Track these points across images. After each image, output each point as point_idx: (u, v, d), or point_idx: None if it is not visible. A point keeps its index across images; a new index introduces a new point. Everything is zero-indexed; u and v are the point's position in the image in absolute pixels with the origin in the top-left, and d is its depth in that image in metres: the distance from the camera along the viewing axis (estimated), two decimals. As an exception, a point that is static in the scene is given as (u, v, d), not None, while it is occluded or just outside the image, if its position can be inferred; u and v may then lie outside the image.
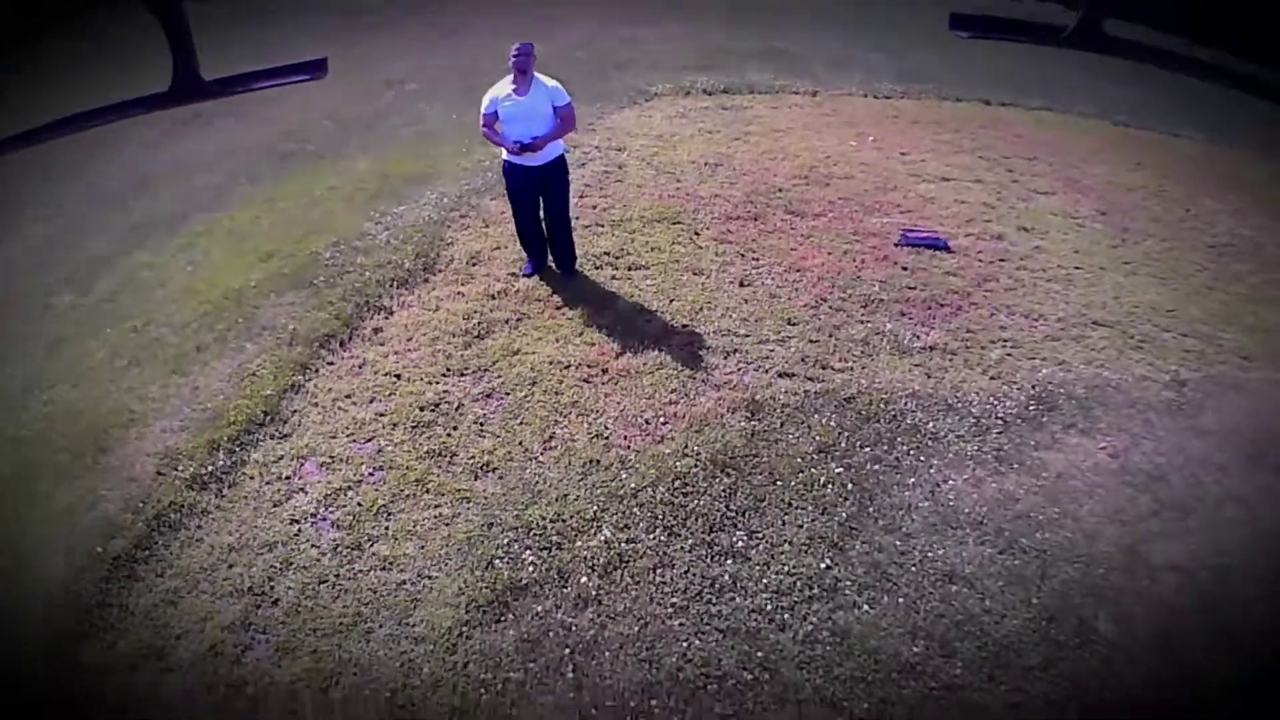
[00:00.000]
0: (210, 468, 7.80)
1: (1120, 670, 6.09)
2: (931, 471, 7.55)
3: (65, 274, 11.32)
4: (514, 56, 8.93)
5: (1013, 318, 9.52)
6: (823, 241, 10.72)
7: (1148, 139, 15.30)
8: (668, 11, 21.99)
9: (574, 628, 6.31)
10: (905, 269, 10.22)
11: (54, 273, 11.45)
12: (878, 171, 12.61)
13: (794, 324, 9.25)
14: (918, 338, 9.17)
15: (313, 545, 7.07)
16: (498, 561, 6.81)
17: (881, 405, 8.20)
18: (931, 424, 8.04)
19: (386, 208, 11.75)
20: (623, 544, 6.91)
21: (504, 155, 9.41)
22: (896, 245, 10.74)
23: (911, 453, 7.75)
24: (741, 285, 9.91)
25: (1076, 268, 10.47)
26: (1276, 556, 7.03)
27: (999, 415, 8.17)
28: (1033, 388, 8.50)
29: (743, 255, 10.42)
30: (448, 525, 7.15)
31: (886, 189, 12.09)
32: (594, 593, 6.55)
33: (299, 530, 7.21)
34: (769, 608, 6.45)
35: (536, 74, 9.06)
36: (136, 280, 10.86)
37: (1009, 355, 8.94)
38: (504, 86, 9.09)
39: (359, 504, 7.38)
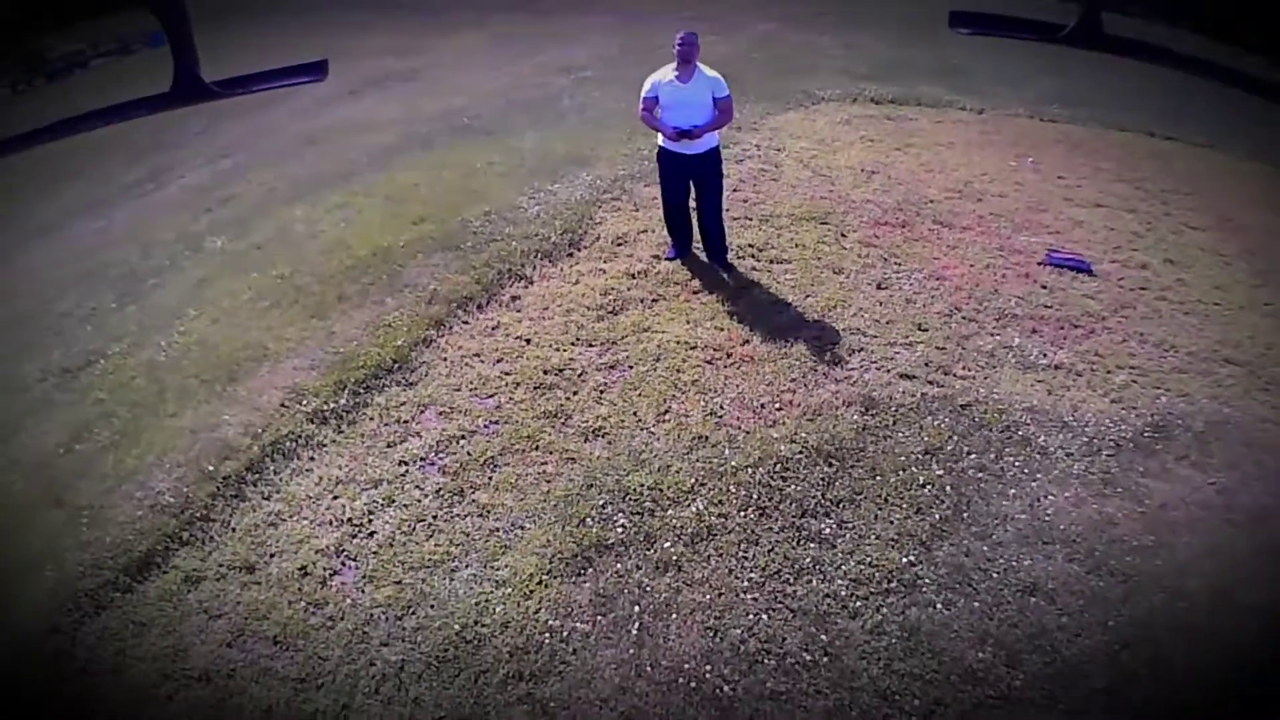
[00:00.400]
0: (333, 405, 8.23)
1: (1188, 708, 5.95)
2: (1034, 485, 7.43)
3: (219, 220, 12.10)
4: (679, 45, 9.12)
5: (1144, 346, 9.34)
6: (967, 254, 10.66)
7: None
8: (846, 21, 22.19)
9: (649, 589, 6.45)
10: (1045, 287, 10.11)
11: (209, 217, 12.25)
12: (1032, 192, 12.50)
13: (924, 329, 9.22)
14: (1045, 355, 9.06)
15: (417, 486, 7.39)
16: (590, 520, 6.99)
17: (996, 415, 8.10)
18: (1043, 438, 7.90)
19: (541, 185, 12.12)
20: (714, 518, 7.01)
21: (659, 142, 9.63)
22: (1040, 264, 10.64)
23: (1018, 464, 7.63)
24: (879, 288, 9.90)
25: (1215, 304, 10.22)
26: None
27: (1112, 438, 7.99)
28: (1152, 416, 8.29)
29: (885, 259, 10.40)
30: (549, 482, 7.38)
31: (1038, 209, 11.96)
32: (676, 559, 6.67)
33: (406, 471, 7.54)
34: (843, 594, 6.47)
35: (699, 64, 9.24)
36: (290, 231, 11.54)
37: (1134, 382, 8.75)
38: (666, 73, 9.27)
39: (469, 453, 7.68)
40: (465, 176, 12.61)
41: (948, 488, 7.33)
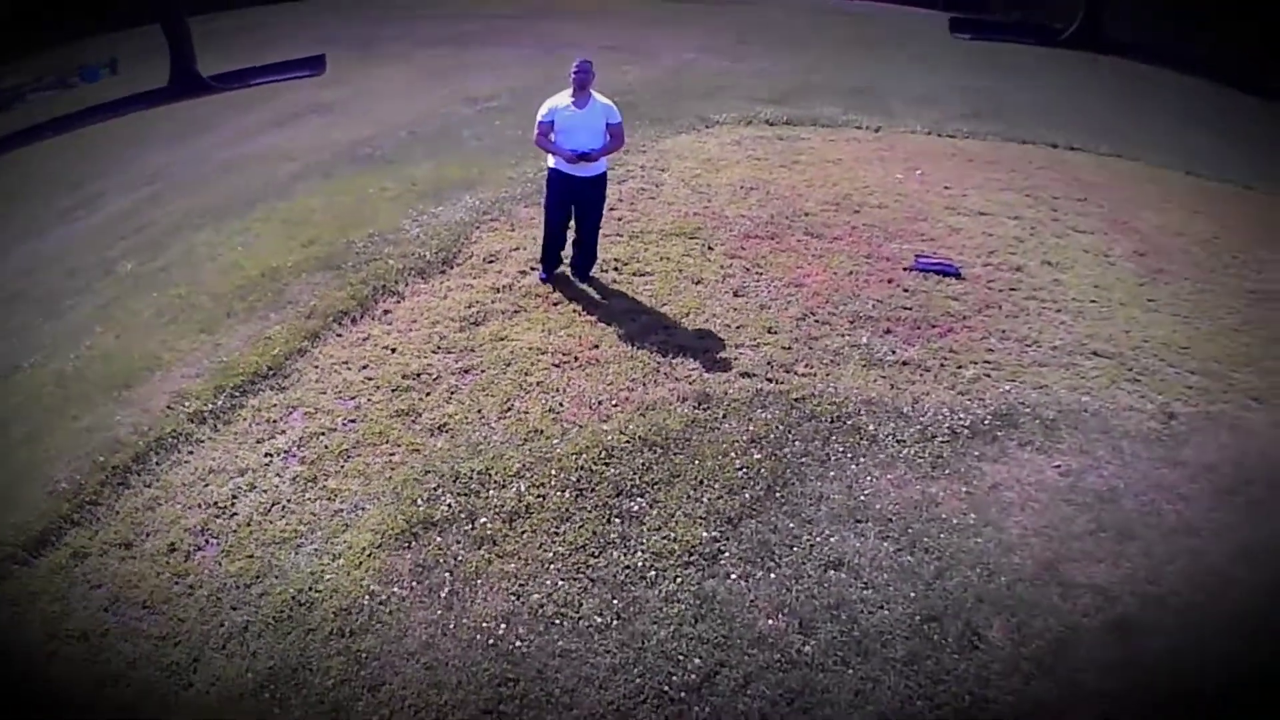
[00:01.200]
0: (211, 406, 9.03)
1: (995, 679, 6.26)
2: (855, 468, 7.88)
3: (133, 245, 12.98)
4: (575, 72, 9.61)
5: (1004, 342, 9.68)
6: (831, 262, 11.06)
7: (1216, 190, 15.19)
8: (769, 48, 22.65)
9: (464, 560, 7.26)
10: (907, 291, 10.50)
11: (124, 243, 13.14)
12: (913, 203, 12.87)
13: (774, 332, 9.69)
14: (894, 352, 9.44)
15: (277, 475, 8.21)
16: (420, 501, 7.78)
17: (830, 407, 8.56)
18: (873, 427, 8.33)
19: (426, 207, 12.85)
20: (532, 498, 7.79)
21: (549, 164, 10.23)
22: (907, 270, 10.94)
23: (843, 450, 8.10)
24: (735, 295, 10.38)
25: (1092, 301, 10.54)
26: (1212, 591, 6.98)
27: (950, 426, 8.40)
28: (999, 406, 8.66)
29: (747, 269, 10.87)
30: (393, 470, 8.18)
31: (916, 219, 12.31)
32: (492, 534, 7.47)
33: (270, 462, 8.37)
34: (643, 565, 7.18)
35: (593, 92, 9.89)
36: (193, 254, 12.37)
37: (987, 375, 9.11)
38: (563, 99, 9.71)
39: (326, 446, 8.49)
40: (358, 202, 13.37)
41: (764, 471, 7.87)
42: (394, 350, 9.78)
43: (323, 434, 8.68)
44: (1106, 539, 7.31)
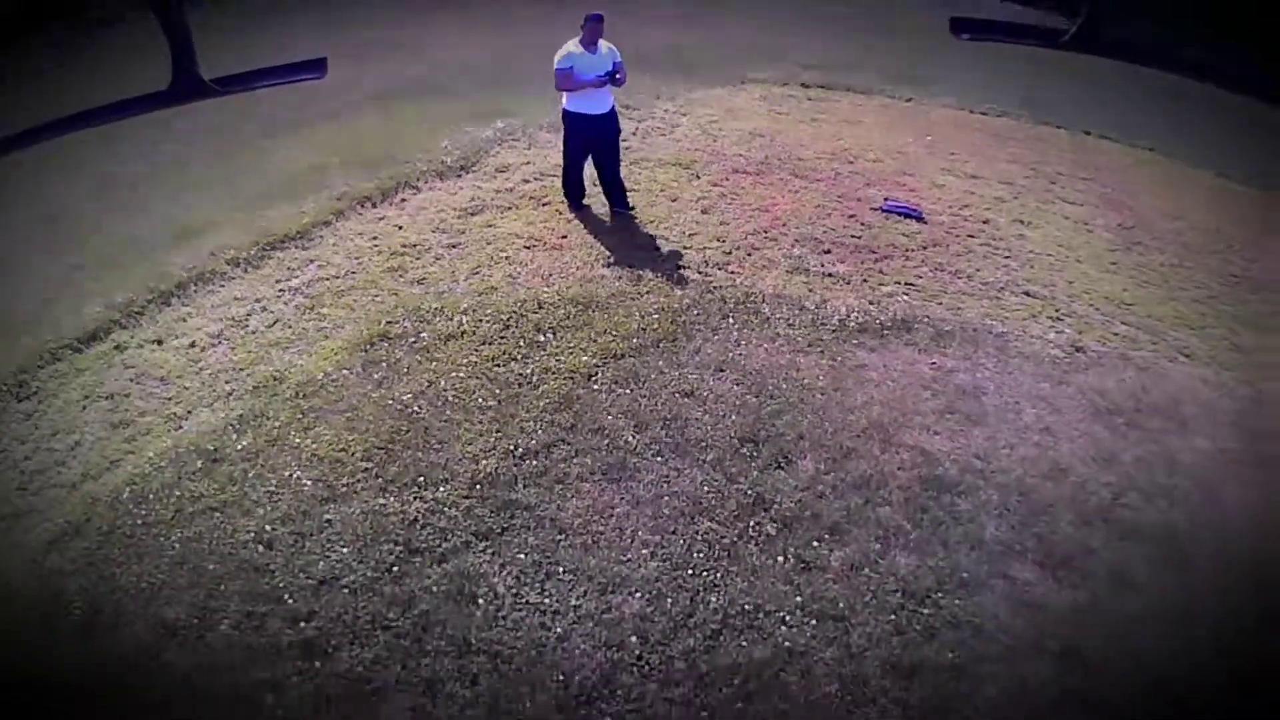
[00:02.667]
0: (246, 255, 12.00)
1: (786, 490, 7.95)
2: (737, 335, 9.65)
3: (212, 149, 16.26)
4: (593, 23, 11.16)
5: (937, 272, 10.89)
6: (804, 196, 12.49)
7: (1243, 193, 15.42)
8: (840, 31, 23.27)
9: (400, 360, 9.93)
10: (864, 225, 11.83)
11: (205, 147, 16.35)
12: (910, 161, 13.95)
13: (721, 241, 11.38)
14: (824, 266, 10.83)
15: (285, 303, 11.12)
16: (384, 321, 10.60)
17: (740, 295, 10.27)
18: (770, 311, 9.98)
19: (462, 128, 15.53)
20: (468, 326, 10.46)
21: (566, 106, 11.70)
22: (873, 209, 12.10)
23: (735, 324, 9.86)
24: (703, 213, 12.06)
25: (1049, 254, 11.55)
26: (1044, 475, 8.02)
27: (841, 320, 9.91)
28: (901, 315, 9.99)
29: (723, 195, 12.51)
30: (373, 305, 10.98)
31: (905, 174, 13.42)
32: (427, 346, 10.19)
33: (282, 295, 11.29)
34: (530, 374, 9.34)
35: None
36: (261, 156, 15.42)
37: (904, 295, 10.38)
38: (574, 46, 11.26)
39: (328, 288, 11.35)
40: (411, 122, 15.84)
41: (658, 329, 9.79)
42: (400, 228, 12.53)
43: (327, 279, 11.51)
44: (952, 420, 8.62)
